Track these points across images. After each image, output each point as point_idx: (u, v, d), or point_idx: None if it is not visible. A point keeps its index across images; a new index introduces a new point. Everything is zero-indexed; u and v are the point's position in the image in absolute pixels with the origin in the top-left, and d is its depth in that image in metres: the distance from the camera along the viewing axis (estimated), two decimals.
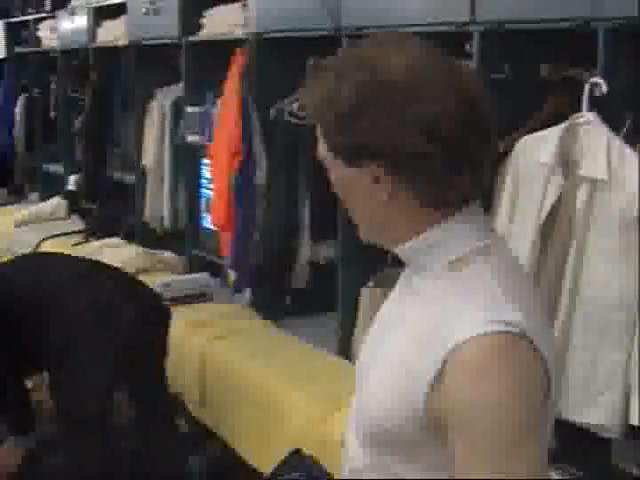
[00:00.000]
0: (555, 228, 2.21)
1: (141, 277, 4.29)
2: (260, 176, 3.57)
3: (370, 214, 1.27)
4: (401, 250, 1.28)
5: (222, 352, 3.41)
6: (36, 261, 3.60)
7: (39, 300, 3.00)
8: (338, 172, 1.26)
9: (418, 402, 1.18)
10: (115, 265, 3.52)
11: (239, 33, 3.75)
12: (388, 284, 3.09)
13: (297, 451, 2.59)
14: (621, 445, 2.24)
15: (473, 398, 1.13)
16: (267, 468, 2.97)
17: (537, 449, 1.17)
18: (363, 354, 1.40)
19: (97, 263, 3.47)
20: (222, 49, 3.79)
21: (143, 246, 4.81)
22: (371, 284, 3.10)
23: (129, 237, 5.00)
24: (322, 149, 1.27)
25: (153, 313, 3.17)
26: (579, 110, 2.23)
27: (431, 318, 1.21)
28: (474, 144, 1.21)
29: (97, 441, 2.99)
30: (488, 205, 2.45)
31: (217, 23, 3.96)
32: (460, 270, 1.23)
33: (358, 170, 1.23)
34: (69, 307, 2.98)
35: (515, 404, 1.14)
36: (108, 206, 5.32)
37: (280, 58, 3.55)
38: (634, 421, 2.06)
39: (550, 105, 2.51)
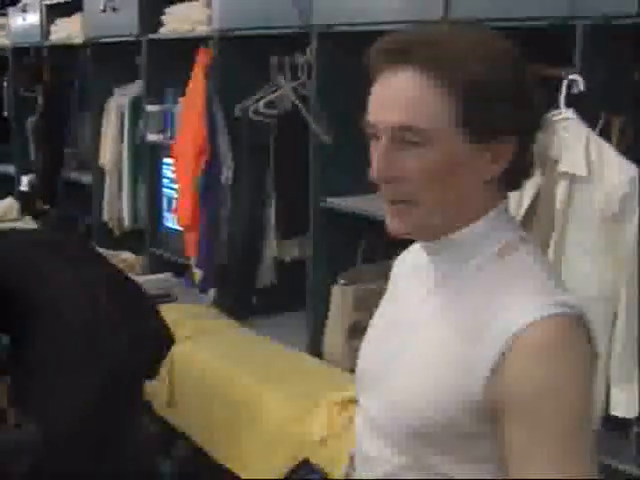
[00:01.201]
0: (534, 224, 2.24)
1: None
2: (226, 175, 3.55)
3: (458, 196, 1.23)
4: (459, 236, 1.26)
5: (190, 352, 3.38)
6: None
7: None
8: (449, 149, 1.19)
9: (475, 392, 1.18)
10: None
11: (202, 31, 3.72)
12: (359, 281, 3.11)
13: (306, 461, 2.60)
14: (599, 437, 2.27)
15: (538, 381, 1.14)
16: (240, 468, 2.97)
17: (591, 430, 1.19)
18: (375, 356, 1.37)
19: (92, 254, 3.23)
20: (182, 47, 3.76)
21: (100, 246, 4.75)
22: (342, 282, 3.11)
23: (86, 238, 4.94)
24: (427, 122, 1.18)
25: (149, 340, 2.93)
26: (553, 109, 2.26)
27: (482, 307, 1.21)
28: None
29: None
30: None
31: (178, 20, 3.91)
32: (507, 257, 1.24)
33: (484, 147, 1.20)
34: (63, 314, 2.82)
35: (579, 385, 1.16)
36: (64, 207, 5.25)
37: (244, 56, 3.53)
38: (615, 412, 2.09)
39: None
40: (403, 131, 1.19)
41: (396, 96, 1.20)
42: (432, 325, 1.28)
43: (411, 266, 1.42)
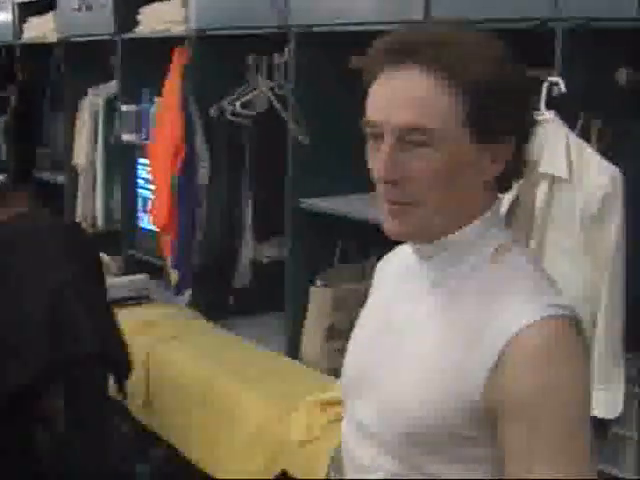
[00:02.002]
0: (514, 225, 2.24)
1: None
2: (202, 176, 3.53)
3: (459, 197, 1.22)
4: (454, 237, 1.25)
5: (167, 354, 3.37)
6: None
7: None
8: (455, 149, 1.18)
9: (474, 395, 1.17)
10: None
11: (178, 30, 3.70)
12: (336, 282, 3.10)
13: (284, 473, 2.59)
14: None
15: (539, 383, 1.14)
16: (216, 470, 2.95)
17: (589, 430, 1.18)
18: (364, 362, 1.35)
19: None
20: (158, 46, 3.74)
21: None
22: (319, 283, 3.10)
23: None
24: (433, 122, 1.17)
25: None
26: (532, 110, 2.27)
27: (478, 310, 1.20)
28: None
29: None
30: None
31: (154, 20, 3.89)
32: (501, 259, 1.24)
33: (486, 147, 1.20)
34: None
35: (577, 386, 1.17)
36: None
37: (221, 56, 3.52)
38: (596, 413, 2.09)
39: None
40: (410, 131, 1.18)
41: (404, 96, 1.18)
42: (426, 328, 1.27)
43: (398, 268, 1.40)
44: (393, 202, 1.22)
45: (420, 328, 1.28)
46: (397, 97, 1.19)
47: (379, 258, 1.56)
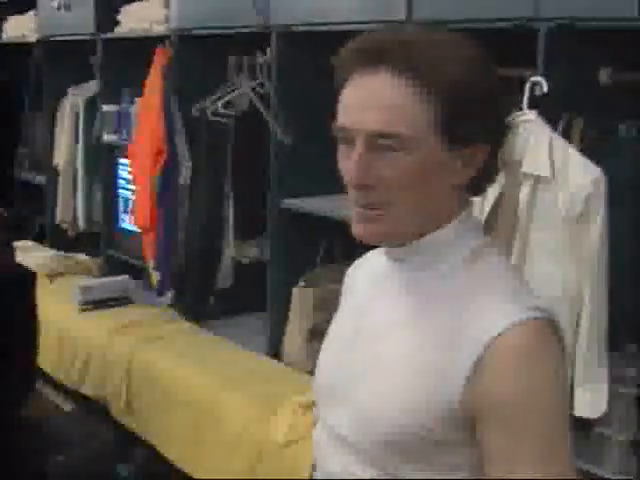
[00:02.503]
0: (497, 225, 2.24)
1: (57, 281, 4.21)
2: (183, 176, 3.52)
3: (430, 202, 1.21)
4: (426, 242, 1.24)
5: (149, 356, 3.34)
6: None
7: None
8: (426, 154, 1.17)
9: (453, 401, 1.16)
10: None
11: (159, 30, 3.68)
12: (319, 283, 3.09)
13: None
14: None
15: (520, 385, 1.13)
16: (200, 472, 2.94)
17: (568, 430, 1.18)
18: (338, 370, 1.32)
19: None
20: (139, 46, 3.72)
21: (54, 248, 4.69)
22: (302, 284, 3.09)
23: (39, 239, 4.87)
24: (404, 128, 1.15)
25: None
26: (515, 110, 2.27)
27: (455, 314, 1.19)
28: None
29: None
30: None
31: (135, 19, 3.87)
32: (475, 263, 1.23)
33: (457, 152, 1.18)
34: None
35: (557, 387, 1.17)
36: (17, 207, 5.16)
37: (202, 56, 3.50)
38: (580, 413, 2.09)
39: None
40: (381, 137, 1.16)
41: (375, 101, 1.17)
42: (401, 333, 1.25)
43: (370, 274, 1.38)
44: (364, 206, 1.21)
45: (394, 333, 1.26)
46: (369, 102, 1.18)
47: None
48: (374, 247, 1.44)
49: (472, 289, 1.21)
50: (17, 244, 4.72)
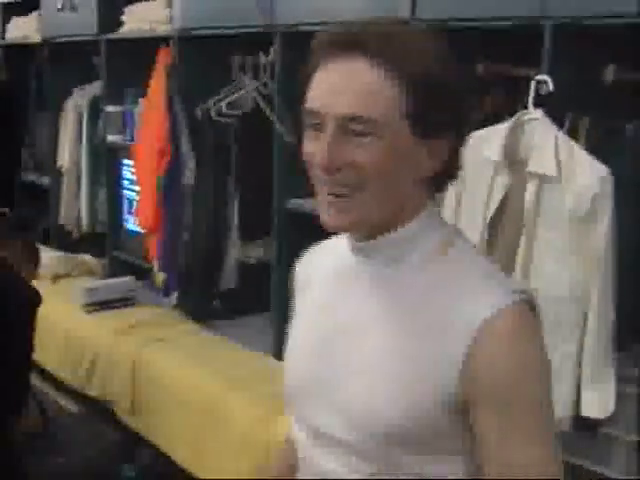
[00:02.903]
0: (503, 225, 2.23)
1: (62, 282, 4.21)
2: (188, 176, 3.51)
3: (397, 192, 1.22)
4: (394, 235, 1.25)
5: (154, 356, 3.34)
6: None
7: None
8: (396, 141, 1.18)
9: (449, 386, 1.17)
10: None
11: (163, 30, 3.67)
12: None
13: None
14: (571, 438, 2.28)
15: (512, 367, 1.16)
16: (205, 472, 2.93)
17: (553, 410, 1.22)
18: (314, 370, 1.30)
19: None
20: (142, 46, 3.71)
21: (59, 249, 4.69)
22: None
23: (43, 240, 4.87)
24: (376, 113, 1.16)
25: None
26: (517, 110, 2.26)
27: (437, 304, 1.20)
28: None
29: None
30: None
31: (138, 20, 3.86)
32: (447, 253, 1.25)
33: (424, 142, 1.20)
34: None
35: (544, 367, 1.20)
36: (21, 209, 5.17)
37: (206, 56, 3.49)
38: (587, 413, 2.09)
39: (487, 105, 2.54)
40: (352, 121, 1.17)
41: (348, 85, 1.18)
42: (382, 328, 1.25)
43: (331, 269, 1.37)
44: (333, 193, 1.21)
45: (375, 328, 1.25)
46: (341, 86, 1.18)
47: None
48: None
49: (449, 278, 1.22)
50: None
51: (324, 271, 1.39)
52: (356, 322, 1.28)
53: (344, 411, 1.25)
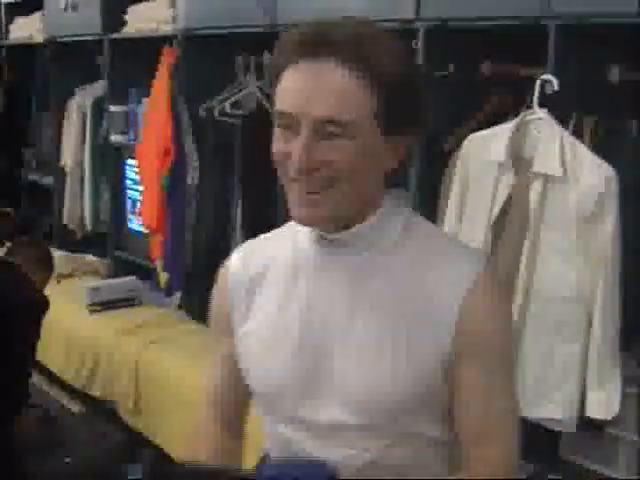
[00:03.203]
0: (507, 226, 2.23)
1: (65, 282, 4.21)
2: (191, 176, 3.51)
3: (365, 188, 1.26)
4: (360, 228, 1.29)
5: (157, 356, 3.34)
6: None
7: None
8: (367, 141, 1.21)
9: (444, 346, 1.25)
10: None
11: (166, 30, 3.67)
12: None
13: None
14: (571, 438, 2.27)
15: (496, 326, 1.28)
16: None
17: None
18: (301, 368, 1.31)
19: None
20: (145, 46, 3.71)
21: (62, 249, 4.69)
22: None
23: (46, 240, 4.86)
24: (351, 115, 1.19)
25: None
26: (520, 109, 2.26)
27: (418, 277, 1.27)
28: None
29: None
30: (434, 205, 2.45)
31: (142, 20, 3.86)
32: (412, 234, 1.32)
33: (392, 139, 1.24)
34: None
35: (512, 325, 1.36)
36: (25, 208, 5.17)
37: (209, 56, 3.49)
38: (593, 414, 2.08)
39: (491, 104, 2.53)
40: (328, 123, 1.19)
41: (321, 88, 1.19)
42: (367, 310, 1.28)
43: (289, 266, 1.36)
44: (308, 192, 1.23)
45: (360, 311, 1.28)
46: (315, 89, 1.19)
47: None
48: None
49: (422, 252, 1.30)
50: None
51: (282, 266, 1.38)
52: (339, 311, 1.30)
53: (348, 397, 1.27)
